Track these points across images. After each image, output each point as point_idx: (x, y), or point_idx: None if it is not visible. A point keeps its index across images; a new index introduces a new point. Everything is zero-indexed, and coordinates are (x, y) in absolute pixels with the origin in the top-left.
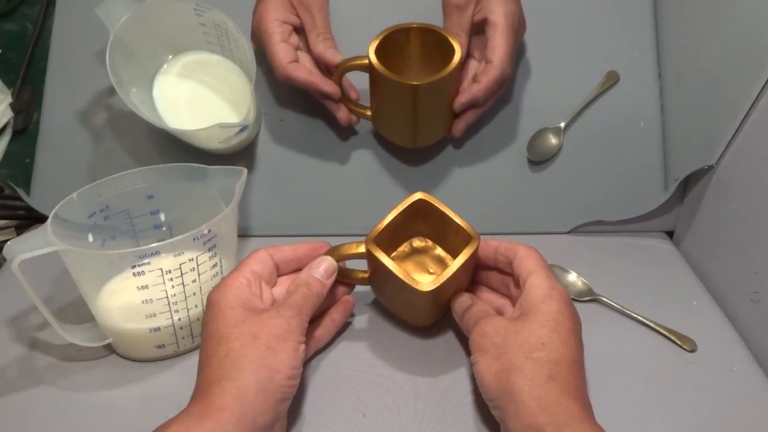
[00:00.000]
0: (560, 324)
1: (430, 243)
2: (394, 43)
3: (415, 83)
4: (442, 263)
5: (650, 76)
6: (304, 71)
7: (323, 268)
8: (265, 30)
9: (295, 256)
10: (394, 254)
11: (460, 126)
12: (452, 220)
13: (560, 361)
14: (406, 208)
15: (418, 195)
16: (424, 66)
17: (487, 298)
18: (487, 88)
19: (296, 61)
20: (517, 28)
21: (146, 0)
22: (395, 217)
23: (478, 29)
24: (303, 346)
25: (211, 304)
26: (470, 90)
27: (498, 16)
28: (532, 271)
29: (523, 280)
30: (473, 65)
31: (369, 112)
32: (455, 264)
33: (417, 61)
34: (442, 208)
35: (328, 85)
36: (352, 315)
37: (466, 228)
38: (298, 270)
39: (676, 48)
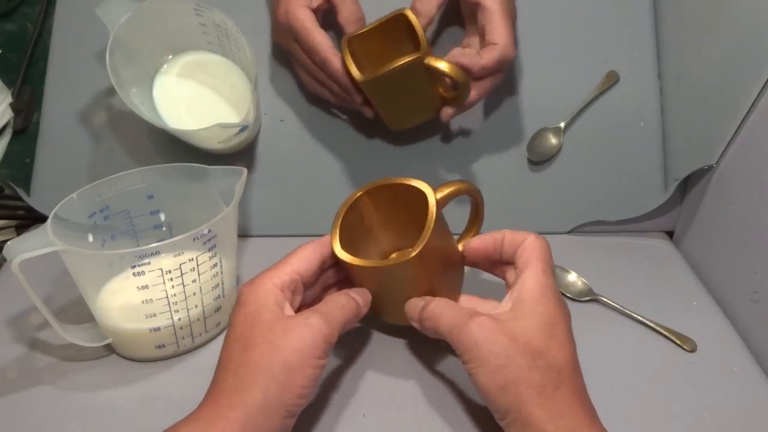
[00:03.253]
0: (556, 327)
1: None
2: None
3: (411, 59)
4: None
5: (650, 76)
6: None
7: (362, 295)
8: (295, 17)
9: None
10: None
11: (448, 111)
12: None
13: (563, 368)
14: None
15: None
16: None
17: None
18: (485, 65)
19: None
20: (510, 11)
21: (146, 0)
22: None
23: (471, 17)
24: (323, 363)
25: (243, 303)
26: (471, 57)
27: (491, 1)
28: (531, 262)
29: (519, 269)
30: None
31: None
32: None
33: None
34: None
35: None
36: None
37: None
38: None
39: (676, 48)
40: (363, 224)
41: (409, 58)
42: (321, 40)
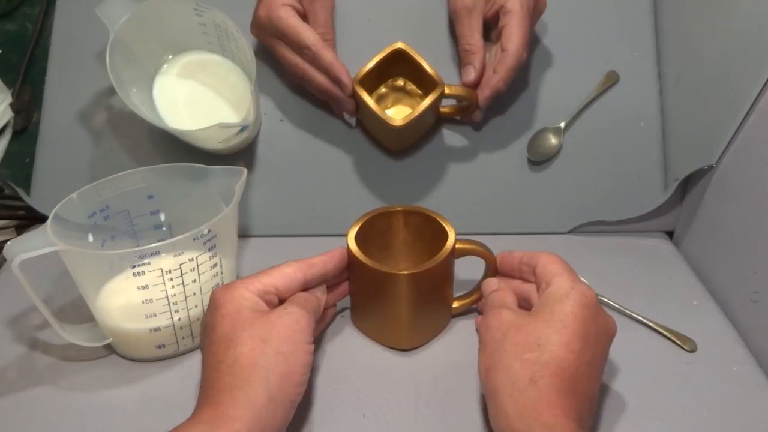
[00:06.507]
0: (567, 326)
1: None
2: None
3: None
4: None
5: (650, 76)
6: (333, 54)
7: (320, 289)
8: (279, 16)
9: (324, 272)
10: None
11: (485, 95)
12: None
13: (550, 364)
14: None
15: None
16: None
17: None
18: (506, 78)
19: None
20: (534, 8)
21: (146, 0)
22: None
23: (495, 20)
24: (312, 348)
25: (217, 305)
26: (490, 83)
27: (514, 2)
28: (557, 274)
29: (546, 282)
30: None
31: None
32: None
33: None
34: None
35: (345, 76)
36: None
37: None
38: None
39: (676, 48)
40: (386, 235)
41: (435, 95)
42: (309, 35)
